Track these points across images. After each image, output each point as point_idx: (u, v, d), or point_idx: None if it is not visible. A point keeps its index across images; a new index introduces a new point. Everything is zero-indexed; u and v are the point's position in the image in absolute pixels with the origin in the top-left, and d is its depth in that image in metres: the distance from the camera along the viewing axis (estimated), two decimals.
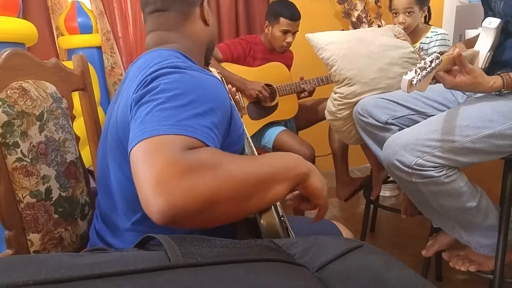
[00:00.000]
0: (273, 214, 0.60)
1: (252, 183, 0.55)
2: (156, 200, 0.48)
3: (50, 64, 0.97)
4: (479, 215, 1.13)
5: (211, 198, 0.50)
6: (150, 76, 0.65)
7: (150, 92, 0.62)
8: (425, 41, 1.75)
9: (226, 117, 0.67)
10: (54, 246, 0.88)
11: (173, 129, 0.56)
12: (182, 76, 0.65)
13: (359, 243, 0.51)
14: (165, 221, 0.49)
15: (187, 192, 0.49)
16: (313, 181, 0.64)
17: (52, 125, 0.91)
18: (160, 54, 0.73)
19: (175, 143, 0.54)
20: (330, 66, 1.51)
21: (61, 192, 0.90)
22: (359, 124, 1.44)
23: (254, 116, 2.03)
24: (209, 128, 0.59)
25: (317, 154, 1.95)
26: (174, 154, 0.52)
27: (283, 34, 2.01)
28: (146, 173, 0.51)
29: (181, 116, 0.58)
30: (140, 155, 0.54)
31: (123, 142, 0.69)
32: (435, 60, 0.92)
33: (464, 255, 1.26)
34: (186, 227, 0.51)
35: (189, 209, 0.49)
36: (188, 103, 0.60)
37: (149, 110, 0.59)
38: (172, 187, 0.49)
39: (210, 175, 0.51)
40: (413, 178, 1.08)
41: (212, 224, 0.53)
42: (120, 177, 0.73)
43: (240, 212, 0.56)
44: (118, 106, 0.72)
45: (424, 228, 1.56)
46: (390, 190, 2.46)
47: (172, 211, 0.48)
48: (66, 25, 2.18)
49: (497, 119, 1.05)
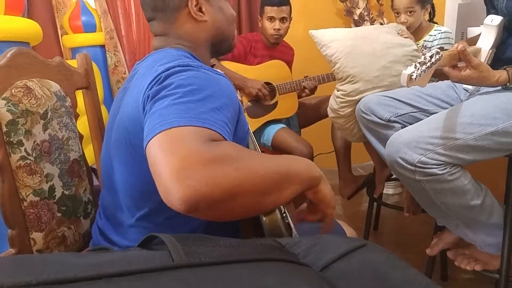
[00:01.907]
0: (276, 212, 0.61)
1: (272, 180, 0.56)
2: (179, 187, 0.48)
3: (54, 63, 0.97)
4: (484, 213, 1.12)
5: (234, 189, 0.50)
6: (164, 73, 0.65)
7: (166, 88, 0.63)
8: (429, 39, 1.74)
9: (236, 115, 0.68)
10: (57, 245, 0.88)
11: (193, 121, 0.56)
12: (196, 73, 0.66)
13: (362, 242, 0.51)
14: (187, 208, 0.49)
15: (211, 180, 0.49)
16: (323, 187, 0.64)
17: (56, 124, 0.91)
18: (170, 54, 0.74)
19: (197, 134, 0.55)
20: (334, 63, 1.50)
21: (64, 191, 0.91)
22: (362, 121, 1.43)
23: (254, 114, 2.02)
24: (225, 123, 0.60)
25: (319, 151, 1.94)
26: (197, 144, 0.52)
27: (270, 22, 2.00)
28: (169, 161, 0.51)
29: (200, 110, 0.59)
30: (160, 145, 0.54)
31: (130, 138, 0.69)
32: (435, 55, 0.92)
33: (469, 254, 1.25)
34: (205, 216, 0.51)
35: (212, 197, 0.49)
36: (204, 97, 0.61)
37: (167, 104, 0.60)
38: (196, 174, 0.49)
39: (233, 167, 0.52)
40: (416, 176, 1.08)
41: (230, 216, 0.54)
42: (125, 173, 0.73)
43: (258, 207, 0.56)
44: (126, 102, 0.73)
45: (428, 226, 1.56)
46: (393, 188, 2.46)
47: (195, 198, 0.48)
48: (70, 24, 2.19)
49: (500, 116, 1.04)
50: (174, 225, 0.72)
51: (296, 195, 0.60)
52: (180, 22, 0.83)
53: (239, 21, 2.50)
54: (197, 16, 0.83)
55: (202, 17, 0.83)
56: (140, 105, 0.66)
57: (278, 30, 2.00)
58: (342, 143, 1.90)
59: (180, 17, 0.83)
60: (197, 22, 0.84)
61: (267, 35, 2.04)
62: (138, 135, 0.61)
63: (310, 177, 0.62)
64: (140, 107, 0.66)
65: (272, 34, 2.02)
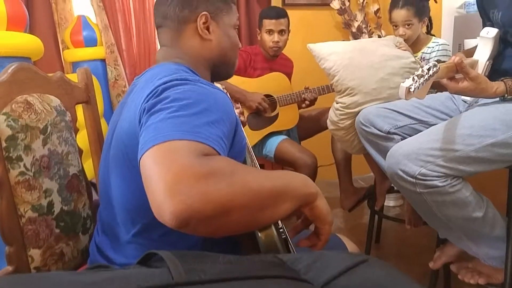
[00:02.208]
0: (271, 227, 0.60)
1: (266, 195, 0.55)
2: (170, 201, 0.48)
3: (55, 78, 0.98)
4: (486, 226, 1.11)
5: (227, 204, 0.50)
6: (161, 86, 0.66)
7: (162, 101, 0.63)
8: (427, 51, 1.76)
9: (232, 130, 0.68)
10: (54, 262, 0.87)
11: (187, 135, 0.56)
12: (192, 87, 0.67)
13: (364, 257, 0.50)
14: (178, 223, 0.48)
15: (203, 195, 0.49)
16: (320, 203, 0.63)
17: (56, 138, 0.91)
18: (168, 68, 0.74)
19: (190, 148, 0.54)
20: (332, 76, 1.51)
21: (63, 206, 0.90)
22: (362, 133, 1.43)
23: (255, 126, 2.03)
24: (220, 137, 0.60)
25: (320, 163, 1.94)
26: (191, 159, 0.52)
27: (268, 35, 2.02)
28: (161, 175, 0.50)
29: (194, 123, 0.59)
30: (153, 159, 0.54)
31: (128, 151, 0.69)
32: (433, 67, 0.92)
33: (472, 267, 1.23)
34: (197, 232, 0.51)
35: (204, 212, 0.48)
36: (199, 111, 0.61)
37: (162, 117, 0.60)
38: (188, 189, 0.48)
39: (226, 182, 0.51)
40: (417, 188, 1.07)
41: (223, 231, 0.53)
42: (122, 187, 0.73)
43: (252, 223, 0.56)
44: (124, 117, 0.73)
45: (430, 238, 1.54)
46: (394, 200, 2.44)
47: (187, 213, 0.48)
48: (71, 39, 2.22)
49: (499, 127, 1.04)
50: (171, 241, 0.71)
51: (292, 211, 0.59)
52: (186, 35, 0.85)
53: (239, 35, 2.53)
54: (202, 33, 0.84)
55: (207, 36, 0.85)
56: (137, 118, 0.66)
57: (277, 42, 2.02)
58: (342, 155, 1.90)
59: (187, 30, 0.84)
60: (202, 40, 0.85)
61: (266, 48, 2.06)
62: (135, 149, 0.61)
63: (307, 193, 0.61)
64: (136, 120, 0.66)
65: (271, 47, 2.04)
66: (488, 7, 1.21)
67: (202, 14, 0.84)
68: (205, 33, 0.84)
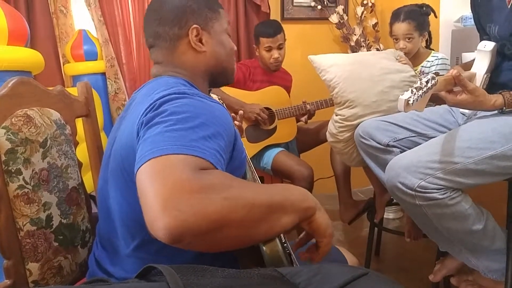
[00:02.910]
0: (276, 241, 0.59)
1: (262, 210, 0.54)
2: (164, 216, 0.47)
3: (55, 92, 0.99)
4: (486, 238, 1.11)
5: (221, 220, 0.50)
6: (159, 100, 0.66)
7: (160, 115, 0.63)
8: (426, 64, 1.78)
9: (231, 142, 0.68)
10: (53, 276, 0.86)
11: (184, 149, 0.56)
12: (190, 101, 0.67)
13: (364, 271, 0.50)
14: (172, 239, 0.47)
15: (197, 210, 0.48)
16: (319, 217, 0.63)
17: (55, 152, 0.91)
18: (166, 82, 0.74)
19: (186, 162, 0.54)
20: (332, 88, 1.52)
21: (62, 219, 0.90)
22: (361, 146, 1.44)
23: (253, 139, 2.03)
24: (217, 151, 0.60)
25: (319, 176, 1.94)
26: (186, 173, 0.52)
27: (268, 52, 2.04)
28: (156, 189, 0.50)
29: (191, 137, 0.58)
30: (149, 173, 0.54)
31: (125, 165, 0.69)
32: (431, 80, 0.93)
33: (473, 280, 1.23)
34: (191, 247, 0.50)
35: (198, 228, 0.48)
36: (197, 125, 0.61)
37: (159, 131, 0.60)
38: (182, 204, 0.48)
39: (221, 196, 0.51)
40: (416, 201, 1.07)
41: (218, 247, 0.52)
42: (121, 201, 0.73)
43: (248, 238, 0.55)
44: (122, 131, 0.73)
45: (430, 250, 1.53)
46: (394, 212, 2.43)
47: (180, 229, 0.47)
48: (72, 53, 2.24)
49: (498, 140, 1.05)
50: (170, 255, 0.71)
51: (293, 224, 0.59)
52: (180, 51, 0.84)
53: (238, 49, 2.55)
54: (196, 47, 0.84)
55: (201, 48, 0.85)
56: (135, 131, 0.66)
57: (277, 58, 2.05)
58: (341, 168, 1.90)
59: (180, 46, 0.84)
60: (197, 53, 0.85)
61: (266, 64, 2.08)
62: (132, 162, 0.61)
63: (305, 207, 0.61)
64: (134, 134, 0.66)
65: (272, 63, 2.07)
66: (485, 21, 1.22)
67: (193, 27, 0.83)
68: (198, 46, 0.84)
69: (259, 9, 2.51)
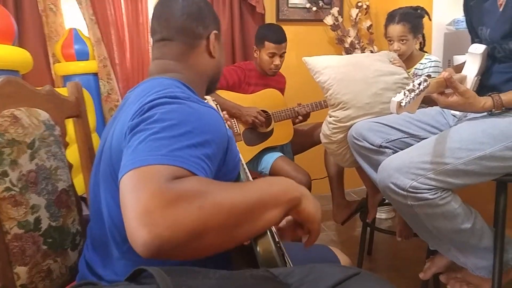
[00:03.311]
0: (270, 241, 0.59)
1: (241, 211, 0.54)
2: (140, 232, 0.47)
3: (44, 91, 0.97)
4: (474, 237, 1.12)
5: (198, 228, 0.49)
6: (148, 104, 0.65)
7: (146, 121, 0.62)
8: (419, 67, 1.79)
9: (222, 149, 0.67)
10: (42, 279, 0.85)
11: (163, 159, 0.55)
12: (179, 107, 0.66)
13: (356, 270, 0.50)
14: (150, 254, 0.47)
15: (172, 222, 0.48)
16: (306, 206, 0.62)
17: (44, 153, 0.90)
18: (160, 83, 0.73)
19: (161, 173, 0.53)
20: (326, 89, 1.52)
21: (51, 222, 0.88)
22: (354, 147, 1.44)
23: (250, 142, 2.03)
24: (200, 159, 0.59)
25: (313, 177, 1.94)
26: (160, 185, 0.51)
27: (270, 58, 2.04)
28: (132, 204, 0.50)
29: (173, 147, 0.57)
30: (127, 185, 0.54)
31: (115, 168, 0.68)
32: (423, 82, 0.94)
33: (461, 278, 1.25)
34: (173, 258, 0.50)
35: (175, 240, 0.48)
36: (182, 134, 0.60)
37: (142, 139, 0.59)
38: (156, 218, 0.48)
39: (196, 205, 0.50)
40: (408, 201, 1.08)
41: (200, 254, 0.52)
42: (111, 204, 0.72)
43: (230, 241, 0.54)
44: (113, 132, 0.72)
45: (421, 250, 1.55)
46: (386, 213, 2.45)
47: (156, 243, 0.47)
48: (62, 52, 2.20)
49: (487, 141, 1.06)
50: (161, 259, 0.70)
51: (279, 217, 0.59)
52: (198, 51, 0.86)
53: (233, 49, 2.54)
54: (213, 51, 0.86)
55: (215, 53, 0.87)
56: (123, 136, 0.66)
57: (277, 65, 2.06)
58: (335, 169, 1.91)
59: (200, 47, 0.86)
60: (210, 57, 0.87)
61: (265, 68, 2.08)
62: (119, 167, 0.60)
63: (289, 198, 0.61)
64: (122, 138, 0.66)
65: (271, 68, 2.07)
66: (476, 24, 1.24)
67: (214, 32, 0.86)
68: (214, 51, 0.87)
69: (254, 10, 2.51)
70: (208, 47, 0.86)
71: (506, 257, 1.18)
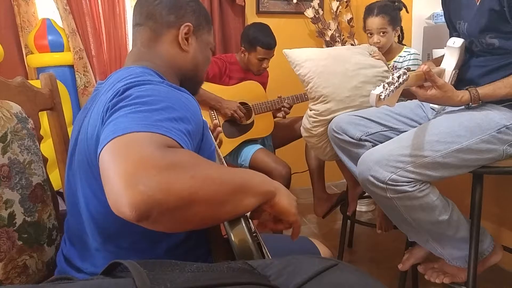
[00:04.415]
0: (244, 231, 0.60)
1: (228, 190, 0.55)
2: (130, 192, 0.46)
3: (15, 83, 0.94)
4: (451, 228, 1.15)
5: (189, 197, 0.49)
6: (123, 87, 0.65)
7: (124, 99, 0.62)
8: (399, 60, 1.81)
9: (199, 131, 0.67)
10: (17, 275, 0.83)
11: (149, 127, 0.55)
12: (155, 87, 0.66)
13: (334, 261, 0.50)
14: (138, 215, 0.46)
15: (165, 186, 0.47)
16: (279, 200, 0.64)
17: (17, 147, 0.87)
18: (132, 71, 0.73)
19: (152, 140, 0.53)
20: (307, 82, 1.52)
21: (26, 217, 0.86)
22: (334, 141, 1.45)
23: (230, 134, 2.02)
24: (182, 133, 0.59)
25: (294, 171, 1.95)
26: (152, 150, 0.50)
27: (259, 61, 2.04)
28: (120, 166, 0.49)
29: (156, 118, 0.57)
30: (113, 151, 0.52)
31: (92, 157, 0.67)
32: (403, 75, 0.95)
33: (438, 268, 1.28)
34: (157, 225, 0.49)
35: (166, 204, 0.47)
36: (163, 108, 0.60)
37: (123, 114, 0.58)
38: (149, 180, 0.47)
39: (189, 175, 0.50)
40: (387, 193, 1.09)
41: (183, 226, 0.52)
42: (88, 195, 0.70)
43: (214, 217, 0.55)
44: (88, 121, 0.70)
45: (400, 242, 1.58)
46: (366, 205, 2.48)
47: (147, 204, 0.46)
48: (35, 43, 2.13)
49: (464, 134, 1.08)
50: (141, 249, 0.70)
51: (252, 207, 0.60)
52: (166, 39, 0.84)
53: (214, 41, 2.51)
54: (182, 43, 0.84)
55: (185, 46, 0.85)
56: (100, 119, 0.64)
57: (265, 68, 2.06)
58: (316, 163, 1.92)
59: (168, 35, 0.84)
60: (180, 49, 0.85)
61: (252, 69, 2.08)
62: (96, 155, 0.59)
63: (265, 190, 0.62)
64: (99, 122, 0.64)
65: (259, 70, 2.07)
66: (454, 18, 1.25)
67: (186, 24, 0.84)
68: (184, 43, 0.85)
69: (234, 1, 2.48)
70: (177, 38, 0.84)
71: (482, 248, 1.21)
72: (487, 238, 1.24)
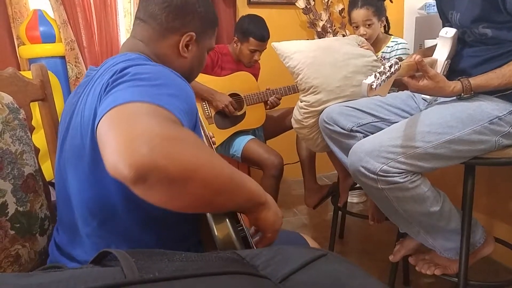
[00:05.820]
0: (227, 225, 0.60)
1: (226, 180, 0.54)
2: (132, 152, 0.44)
3: (7, 74, 0.94)
4: (443, 219, 1.15)
5: (189, 172, 0.48)
6: (122, 66, 0.65)
7: (123, 77, 0.62)
8: (387, 50, 1.81)
9: (193, 115, 0.67)
10: (10, 264, 0.84)
11: (151, 98, 0.54)
12: (152, 66, 0.67)
13: (322, 252, 0.51)
14: (135, 175, 0.44)
15: (169, 154, 0.46)
16: (266, 215, 0.64)
17: (8, 137, 0.87)
18: (128, 56, 0.74)
19: (157, 111, 0.52)
20: (296, 74, 1.52)
21: (18, 207, 0.86)
22: (325, 131, 1.45)
23: (222, 125, 2.02)
24: (182, 111, 0.59)
25: (285, 162, 1.96)
26: (159, 120, 0.50)
27: (251, 53, 2.03)
28: (123, 128, 0.48)
29: (156, 92, 0.57)
30: (113, 118, 0.51)
31: (85, 142, 0.67)
32: (394, 65, 0.95)
33: (429, 259, 1.29)
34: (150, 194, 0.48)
35: (167, 171, 0.45)
36: (161, 84, 0.60)
37: (122, 87, 0.58)
38: (154, 144, 0.45)
39: (193, 151, 0.50)
40: (378, 184, 1.10)
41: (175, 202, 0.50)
42: (80, 180, 0.71)
43: (205, 203, 0.54)
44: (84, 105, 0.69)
45: (392, 233, 1.59)
46: (357, 197, 2.49)
47: (147, 167, 0.44)
48: (27, 34, 2.11)
49: (456, 125, 1.08)
50: (132, 237, 0.70)
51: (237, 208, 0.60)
52: (166, 43, 0.84)
53: None
54: (182, 51, 0.84)
55: (185, 53, 0.85)
56: (97, 99, 0.64)
57: (257, 60, 2.06)
58: (307, 154, 1.92)
59: (169, 40, 0.84)
60: (178, 54, 0.85)
61: (243, 60, 2.08)
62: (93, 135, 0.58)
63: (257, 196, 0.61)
64: (97, 101, 0.64)
65: (250, 62, 2.07)
66: (446, 8, 1.24)
67: (189, 34, 0.84)
68: (184, 50, 0.85)
69: None
70: (178, 44, 0.84)
71: (473, 239, 1.22)
72: (479, 230, 1.25)
